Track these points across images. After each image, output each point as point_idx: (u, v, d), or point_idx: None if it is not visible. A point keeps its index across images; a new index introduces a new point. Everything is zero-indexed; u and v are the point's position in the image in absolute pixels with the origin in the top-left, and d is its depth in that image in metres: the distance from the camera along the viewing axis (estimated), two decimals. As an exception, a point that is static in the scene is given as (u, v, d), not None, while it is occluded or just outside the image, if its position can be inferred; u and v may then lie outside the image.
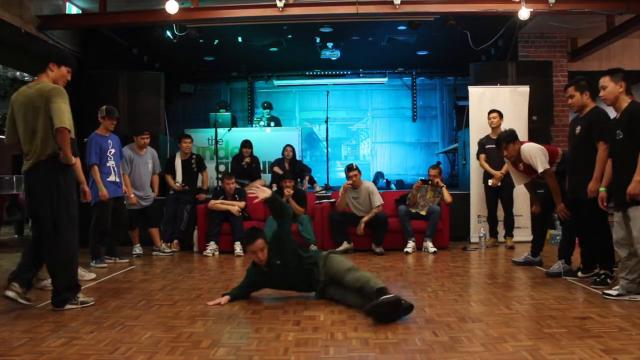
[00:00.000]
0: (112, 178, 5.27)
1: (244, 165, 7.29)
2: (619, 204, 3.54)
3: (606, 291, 3.62)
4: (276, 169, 7.41)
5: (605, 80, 3.63)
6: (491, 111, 6.27)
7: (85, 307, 3.54)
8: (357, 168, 6.09)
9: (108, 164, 5.24)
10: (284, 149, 7.54)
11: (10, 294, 3.48)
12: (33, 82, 3.60)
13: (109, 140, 5.29)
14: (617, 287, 3.60)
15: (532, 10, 6.23)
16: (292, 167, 7.40)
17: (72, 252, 3.54)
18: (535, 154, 4.50)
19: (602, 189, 3.70)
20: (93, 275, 4.66)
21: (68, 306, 3.50)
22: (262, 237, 3.63)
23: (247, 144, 7.35)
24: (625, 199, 3.42)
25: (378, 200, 5.99)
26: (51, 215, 3.44)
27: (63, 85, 3.58)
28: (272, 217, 5.95)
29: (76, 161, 4.16)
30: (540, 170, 4.46)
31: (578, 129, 4.10)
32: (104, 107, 5.29)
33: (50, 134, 3.42)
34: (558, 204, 4.47)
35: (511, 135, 4.72)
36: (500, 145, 4.75)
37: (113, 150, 5.32)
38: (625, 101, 3.58)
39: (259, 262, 3.62)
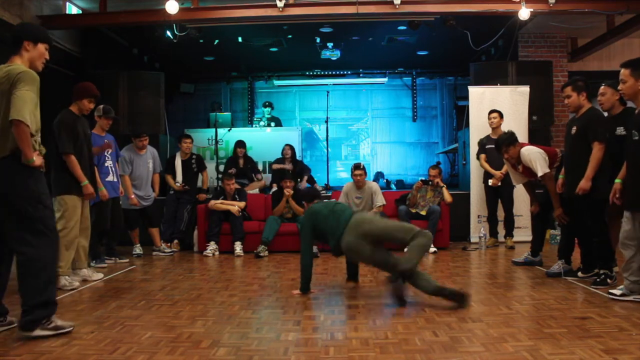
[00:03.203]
0: (110, 178, 5.25)
1: (239, 167, 7.30)
2: (630, 203, 3.49)
3: (611, 290, 3.61)
4: (279, 165, 7.41)
5: (625, 74, 3.48)
6: (491, 111, 6.27)
7: (60, 333, 2.90)
8: (363, 168, 6.13)
9: (106, 164, 5.23)
10: (283, 149, 7.55)
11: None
12: (5, 64, 2.97)
13: (106, 140, 5.28)
14: (621, 287, 3.58)
15: (532, 10, 6.22)
16: (292, 167, 7.41)
17: (47, 267, 2.91)
18: (535, 157, 4.48)
19: (617, 180, 3.60)
20: (101, 275, 4.65)
21: (38, 332, 2.86)
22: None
23: (240, 144, 7.39)
24: (637, 199, 3.38)
25: (380, 200, 6.03)
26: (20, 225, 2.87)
27: (42, 66, 3.07)
28: (272, 217, 6.07)
29: (72, 158, 4.13)
30: (540, 174, 4.45)
31: (574, 129, 4.10)
32: (101, 106, 5.23)
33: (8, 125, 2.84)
34: (557, 208, 4.46)
35: (511, 138, 4.70)
36: (500, 148, 4.75)
37: (110, 150, 5.31)
38: None
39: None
